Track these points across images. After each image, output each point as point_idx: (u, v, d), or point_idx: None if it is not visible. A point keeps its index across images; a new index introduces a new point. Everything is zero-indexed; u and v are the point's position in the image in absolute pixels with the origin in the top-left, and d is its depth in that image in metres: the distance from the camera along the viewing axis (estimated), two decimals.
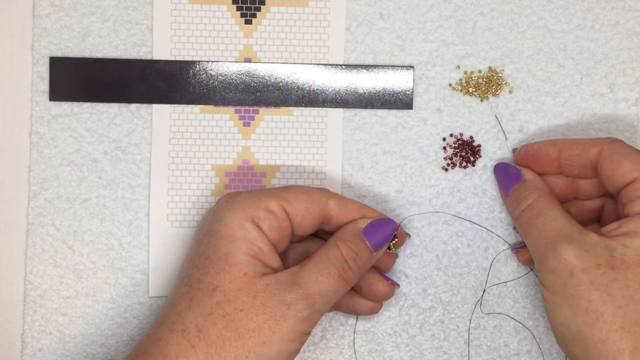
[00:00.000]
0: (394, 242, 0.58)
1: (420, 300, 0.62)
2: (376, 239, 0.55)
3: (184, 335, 0.51)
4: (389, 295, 0.58)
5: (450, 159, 0.62)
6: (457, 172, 0.62)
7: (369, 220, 0.56)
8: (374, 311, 0.59)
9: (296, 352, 0.53)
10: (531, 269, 0.61)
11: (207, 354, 0.51)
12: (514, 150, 0.60)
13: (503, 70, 0.62)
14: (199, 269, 0.53)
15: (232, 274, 0.52)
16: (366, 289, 0.58)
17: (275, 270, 0.53)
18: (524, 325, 0.61)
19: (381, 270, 0.59)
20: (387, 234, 0.56)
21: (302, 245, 0.59)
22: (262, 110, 0.62)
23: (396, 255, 0.60)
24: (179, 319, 0.52)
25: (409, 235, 0.60)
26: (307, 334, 0.53)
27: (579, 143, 0.56)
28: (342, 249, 0.54)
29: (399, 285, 0.60)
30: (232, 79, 0.61)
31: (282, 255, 0.58)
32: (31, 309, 0.61)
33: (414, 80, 0.61)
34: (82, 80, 0.61)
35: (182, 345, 0.51)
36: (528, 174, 0.58)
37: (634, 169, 0.53)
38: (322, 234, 0.59)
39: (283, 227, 0.54)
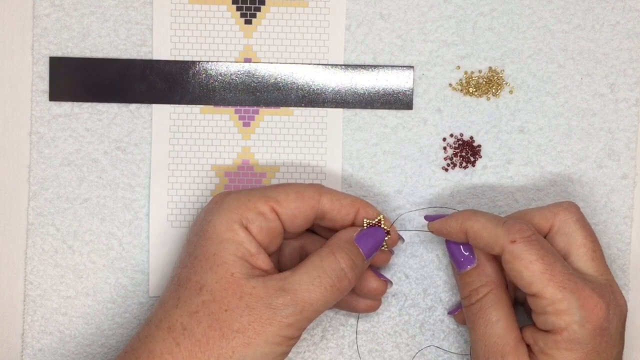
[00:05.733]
0: (386, 238, 0.57)
1: (420, 300, 0.62)
2: (368, 247, 0.55)
3: (170, 333, 0.51)
4: (381, 292, 0.58)
5: (451, 159, 0.61)
6: (457, 173, 0.62)
7: (359, 229, 0.56)
8: (372, 308, 0.59)
9: (284, 354, 0.53)
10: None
11: (192, 352, 0.51)
12: (426, 217, 0.58)
13: (503, 70, 0.62)
14: (188, 268, 0.53)
15: (219, 273, 0.52)
16: (359, 285, 0.58)
17: (265, 272, 0.53)
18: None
19: (375, 266, 0.59)
20: (377, 241, 0.56)
21: (297, 241, 0.59)
22: (262, 110, 0.62)
23: (392, 252, 0.60)
24: (165, 316, 0.52)
25: (402, 240, 0.59)
26: (295, 338, 0.53)
27: (481, 237, 0.54)
28: (339, 257, 0.53)
29: (391, 283, 0.59)
30: (232, 79, 0.61)
31: (277, 252, 0.58)
32: (31, 309, 0.61)
33: (414, 80, 0.61)
34: (82, 80, 0.61)
35: (168, 342, 0.51)
36: (481, 258, 0.56)
37: (532, 282, 0.52)
38: (318, 229, 0.59)
39: (273, 228, 0.54)
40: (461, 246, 0.57)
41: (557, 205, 0.56)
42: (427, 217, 0.58)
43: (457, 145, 0.61)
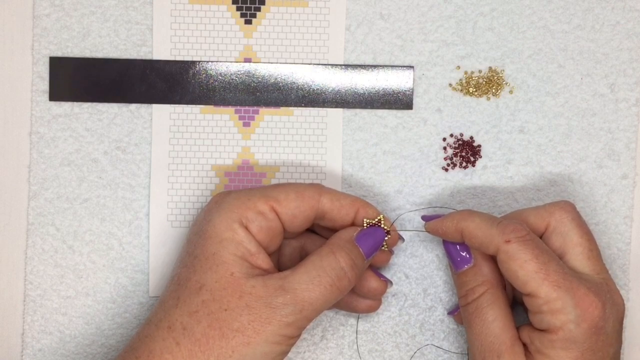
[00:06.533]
0: (386, 238, 0.57)
1: (420, 300, 0.62)
2: (368, 246, 0.55)
3: (170, 332, 0.51)
4: (381, 292, 0.58)
5: (451, 159, 0.61)
6: (457, 173, 0.62)
7: (359, 229, 0.56)
8: (372, 309, 0.59)
9: (283, 353, 0.53)
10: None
11: (191, 352, 0.51)
12: (423, 217, 0.59)
13: (503, 70, 0.62)
14: (188, 268, 0.53)
15: (219, 273, 0.52)
16: (359, 285, 0.58)
17: (265, 271, 0.53)
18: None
19: (375, 266, 0.59)
20: (377, 241, 0.56)
21: (297, 241, 0.59)
22: (262, 110, 0.62)
23: (392, 252, 0.60)
24: (165, 316, 0.52)
25: (402, 240, 0.59)
26: (295, 337, 0.53)
27: (476, 237, 0.54)
28: (339, 257, 0.53)
29: (391, 283, 0.59)
30: (232, 79, 0.61)
31: (277, 252, 0.58)
32: (31, 309, 0.61)
33: (414, 80, 0.61)
34: (82, 80, 0.61)
35: (168, 342, 0.51)
36: (478, 257, 0.56)
37: (527, 282, 0.52)
38: (318, 229, 0.59)
39: (272, 227, 0.54)
40: (458, 246, 0.57)
41: (553, 204, 0.56)
42: (423, 217, 0.58)
43: (457, 145, 0.61)
